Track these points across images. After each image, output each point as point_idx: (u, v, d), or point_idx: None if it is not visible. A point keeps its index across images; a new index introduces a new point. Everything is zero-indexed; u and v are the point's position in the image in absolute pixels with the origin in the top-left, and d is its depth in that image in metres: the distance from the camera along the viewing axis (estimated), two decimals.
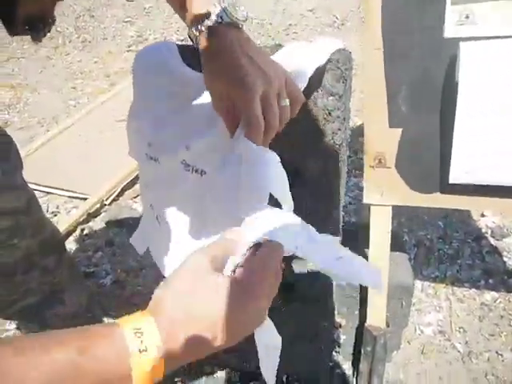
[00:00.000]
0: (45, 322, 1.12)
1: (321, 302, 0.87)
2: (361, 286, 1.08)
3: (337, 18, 3.40)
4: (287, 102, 0.58)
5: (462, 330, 1.30)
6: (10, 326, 1.36)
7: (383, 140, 0.88)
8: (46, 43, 4.02)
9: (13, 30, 0.70)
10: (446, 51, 0.79)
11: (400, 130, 0.87)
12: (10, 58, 3.81)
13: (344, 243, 1.13)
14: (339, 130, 0.78)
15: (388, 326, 1.06)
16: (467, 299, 1.39)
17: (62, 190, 2.01)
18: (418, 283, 1.45)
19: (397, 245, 1.24)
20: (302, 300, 0.85)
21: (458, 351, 1.25)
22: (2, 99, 2.96)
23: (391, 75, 0.84)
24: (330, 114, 0.76)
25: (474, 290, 1.42)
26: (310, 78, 0.66)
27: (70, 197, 2.00)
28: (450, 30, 0.78)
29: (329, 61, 0.74)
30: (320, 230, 0.84)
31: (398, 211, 1.72)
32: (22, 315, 1.10)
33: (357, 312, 1.13)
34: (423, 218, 1.71)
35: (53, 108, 2.79)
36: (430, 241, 1.62)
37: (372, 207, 0.95)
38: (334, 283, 0.95)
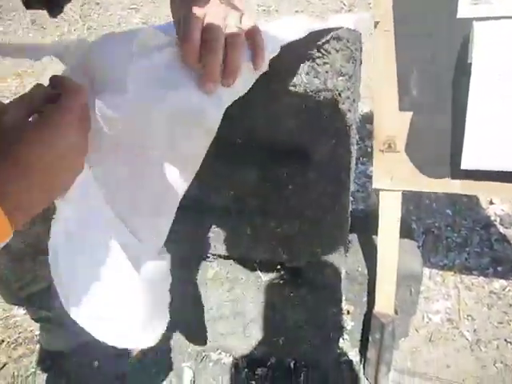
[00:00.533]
0: (53, 310, 1.12)
1: (329, 288, 0.86)
2: (369, 271, 1.07)
3: (344, 4, 3.35)
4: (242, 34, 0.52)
5: (470, 318, 1.29)
6: (18, 312, 1.36)
7: (393, 124, 0.87)
8: (52, 31, 4.01)
9: (29, 3, 0.68)
10: (458, 32, 0.77)
11: (410, 113, 0.85)
12: None
13: (352, 230, 1.13)
14: (349, 111, 0.77)
15: (396, 313, 1.06)
16: (476, 287, 1.38)
17: None
18: (426, 271, 1.44)
19: (405, 232, 1.23)
20: (309, 286, 0.85)
21: (467, 339, 1.24)
22: (9, 87, 2.96)
23: (402, 57, 0.82)
24: (339, 94, 0.75)
25: (482, 277, 1.40)
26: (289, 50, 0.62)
27: None
28: (463, 10, 0.76)
29: (338, 39, 0.72)
30: (328, 215, 0.84)
31: (406, 199, 1.70)
32: (31, 301, 1.10)
33: (365, 299, 1.12)
34: (431, 205, 1.69)
35: None
36: (438, 228, 1.60)
37: (381, 192, 0.94)
38: (343, 270, 0.94)
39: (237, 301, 0.90)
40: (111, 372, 1.19)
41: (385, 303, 1.03)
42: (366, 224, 1.12)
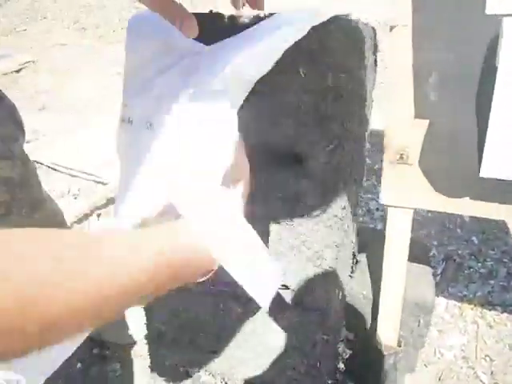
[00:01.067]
0: None
1: (321, 310, 0.77)
2: (374, 296, 0.98)
3: None
4: None
5: (488, 358, 1.16)
6: None
7: (407, 132, 0.77)
8: (91, 32, 4.09)
9: None
10: (486, 30, 0.68)
11: (427, 121, 0.76)
12: (55, 44, 3.89)
13: (363, 249, 1.03)
14: (353, 113, 0.68)
15: (400, 345, 0.95)
16: (497, 324, 1.24)
17: (86, 173, 2.00)
18: (443, 301, 1.32)
19: (421, 256, 1.12)
20: (298, 306, 0.76)
21: (482, 381, 1.11)
22: (44, 84, 3.01)
23: (419, 57, 0.73)
24: (341, 94, 0.67)
25: (506, 314, 1.27)
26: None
27: (93, 181, 1.98)
28: (492, 6, 0.66)
29: (343, 31, 0.64)
30: (323, 236, 0.74)
31: (428, 221, 1.58)
32: None
33: (368, 326, 1.02)
34: (455, 230, 1.56)
35: (94, 94, 2.81)
36: (460, 257, 1.47)
37: (390, 209, 0.84)
38: (340, 292, 0.85)
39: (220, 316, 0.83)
40: (91, 375, 1.13)
41: (387, 333, 0.92)
42: (380, 244, 1.02)
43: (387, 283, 0.89)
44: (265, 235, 0.76)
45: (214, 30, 0.60)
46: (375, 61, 0.79)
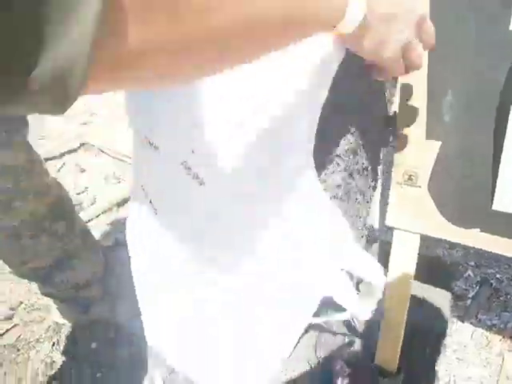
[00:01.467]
0: (55, 286, 1.13)
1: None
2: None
3: None
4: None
5: None
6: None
7: (417, 153, 0.72)
8: None
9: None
10: (510, 47, 0.61)
11: (439, 143, 0.70)
12: None
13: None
14: (347, 131, 0.64)
15: (399, 372, 0.90)
16: None
17: (129, 157, 2.07)
18: (470, 328, 1.23)
19: (451, 278, 1.06)
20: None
21: None
22: None
23: (435, 74, 0.67)
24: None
25: None
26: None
27: None
28: None
29: None
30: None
31: None
32: (33, 276, 1.12)
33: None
34: (497, 253, 1.45)
35: None
36: (498, 281, 1.37)
37: (395, 232, 0.79)
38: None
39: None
40: (104, 355, 1.19)
41: (386, 357, 0.88)
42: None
43: (388, 306, 0.84)
44: None
45: None
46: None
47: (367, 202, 0.88)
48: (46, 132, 2.28)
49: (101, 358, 1.18)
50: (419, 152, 0.72)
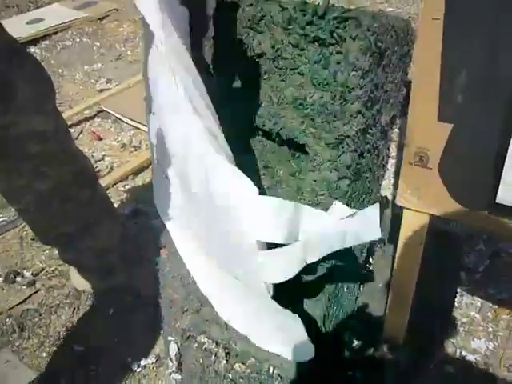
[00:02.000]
0: (76, 253, 1.18)
1: None
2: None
3: None
4: None
5: None
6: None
7: (428, 134, 0.72)
8: None
9: None
10: None
11: (451, 125, 0.70)
12: None
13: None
14: (359, 113, 0.64)
15: (406, 344, 0.93)
16: None
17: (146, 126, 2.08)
18: (478, 302, 1.25)
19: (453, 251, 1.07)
20: None
21: None
22: (121, 34, 3.10)
23: (449, 55, 0.66)
24: (349, 92, 0.63)
25: None
26: None
27: None
28: None
29: (358, 25, 0.60)
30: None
31: None
32: (58, 242, 1.16)
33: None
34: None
35: None
36: (510, 255, 1.37)
37: (405, 211, 0.80)
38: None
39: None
40: (120, 321, 1.24)
41: (393, 331, 0.91)
42: None
43: (396, 282, 0.86)
44: None
45: None
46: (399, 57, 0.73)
47: (377, 179, 0.88)
48: (63, 99, 2.30)
49: (118, 323, 1.23)
50: (431, 133, 0.71)
